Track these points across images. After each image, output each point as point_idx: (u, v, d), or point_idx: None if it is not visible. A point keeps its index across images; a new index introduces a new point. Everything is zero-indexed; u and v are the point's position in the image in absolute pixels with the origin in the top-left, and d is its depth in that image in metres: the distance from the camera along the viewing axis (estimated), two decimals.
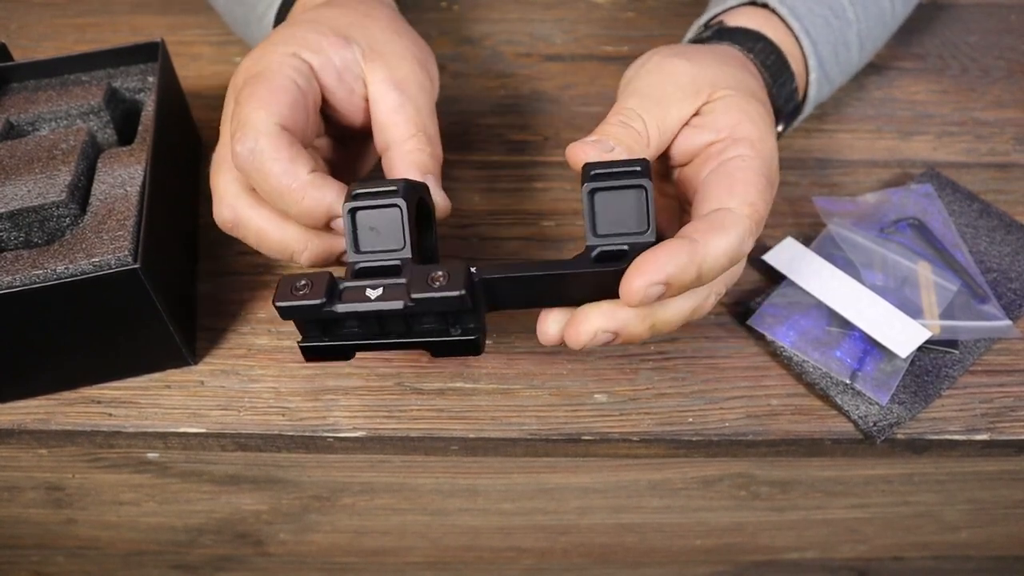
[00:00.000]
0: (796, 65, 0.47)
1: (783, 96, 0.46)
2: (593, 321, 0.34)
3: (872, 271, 0.46)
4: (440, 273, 0.33)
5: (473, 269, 0.34)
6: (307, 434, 0.42)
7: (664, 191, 0.42)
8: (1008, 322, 0.45)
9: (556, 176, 0.53)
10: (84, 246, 0.39)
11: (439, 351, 0.35)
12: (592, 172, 0.34)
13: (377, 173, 0.48)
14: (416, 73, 0.41)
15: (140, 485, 0.50)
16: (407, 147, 0.39)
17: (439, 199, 0.39)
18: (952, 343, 0.44)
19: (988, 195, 0.51)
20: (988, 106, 0.57)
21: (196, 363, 0.44)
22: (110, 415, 0.42)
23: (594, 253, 0.34)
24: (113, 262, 0.38)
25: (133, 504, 0.52)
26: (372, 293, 0.34)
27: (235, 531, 0.55)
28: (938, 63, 0.60)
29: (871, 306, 0.44)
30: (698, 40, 0.47)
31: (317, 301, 0.33)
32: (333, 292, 0.34)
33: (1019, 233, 0.49)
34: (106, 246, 0.39)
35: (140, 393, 0.43)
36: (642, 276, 0.32)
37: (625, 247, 0.34)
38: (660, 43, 0.61)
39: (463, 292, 0.32)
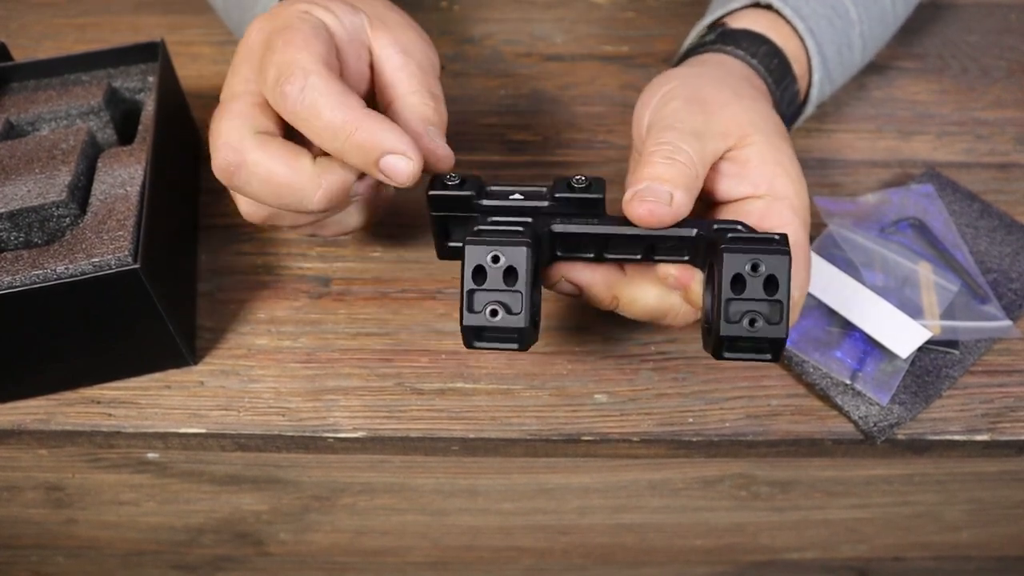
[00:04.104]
0: (799, 67, 0.47)
1: (786, 100, 0.46)
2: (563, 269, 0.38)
3: (872, 271, 0.46)
4: (579, 176, 0.36)
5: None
6: (307, 434, 0.42)
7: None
8: (1008, 322, 0.45)
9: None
10: (84, 246, 0.39)
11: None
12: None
13: None
14: (419, 42, 0.41)
15: (140, 485, 0.50)
16: (411, 100, 0.39)
17: (443, 152, 0.39)
18: (952, 343, 0.44)
19: (988, 195, 0.51)
20: (988, 106, 0.57)
21: (196, 363, 0.44)
22: (110, 415, 0.42)
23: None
24: (113, 262, 0.38)
25: (133, 504, 0.52)
26: (515, 195, 0.37)
27: (235, 531, 0.55)
28: (938, 63, 0.60)
29: (872, 306, 0.44)
30: (701, 44, 0.47)
31: (469, 192, 0.36)
32: (481, 190, 0.37)
33: (1019, 233, 0.49)
34: (106, 246, 0.39)
35: (140, 393, 0.43)
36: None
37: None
38: (660, 43, 0.62)
39: (601, 196, 0.36)
